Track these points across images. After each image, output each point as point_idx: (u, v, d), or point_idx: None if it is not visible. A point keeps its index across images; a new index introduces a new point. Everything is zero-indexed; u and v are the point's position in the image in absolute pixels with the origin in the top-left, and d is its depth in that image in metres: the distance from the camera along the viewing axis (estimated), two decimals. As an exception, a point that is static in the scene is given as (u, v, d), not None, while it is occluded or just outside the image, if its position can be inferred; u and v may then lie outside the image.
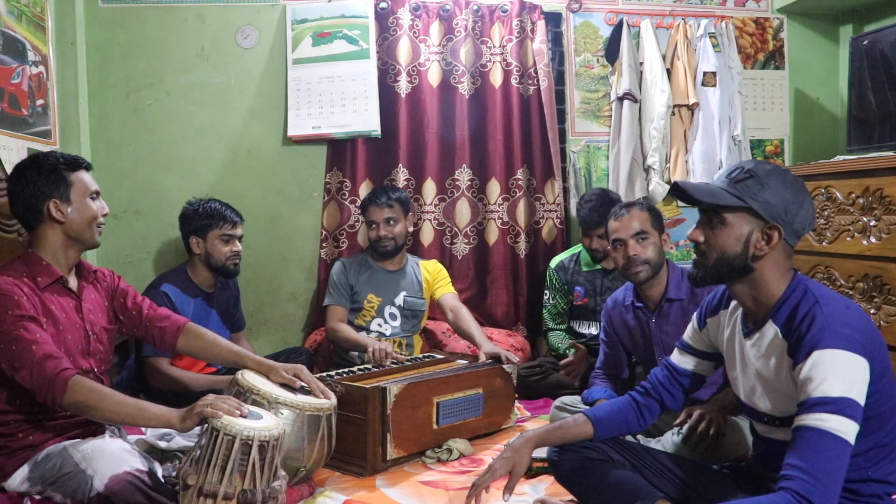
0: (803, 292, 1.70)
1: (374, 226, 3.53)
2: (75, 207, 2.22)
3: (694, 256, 1.80)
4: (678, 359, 2.10)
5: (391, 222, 3.52)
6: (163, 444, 2.39)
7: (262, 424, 1.94)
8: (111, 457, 1.98)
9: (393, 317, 3.59)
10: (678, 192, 1.79)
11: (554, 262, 3.86)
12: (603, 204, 3.61)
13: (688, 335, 2.08)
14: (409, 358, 3.31)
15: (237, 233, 3.29)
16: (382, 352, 3.08)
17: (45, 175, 2.22)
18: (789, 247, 1.74)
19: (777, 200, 1.69)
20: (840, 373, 1.54)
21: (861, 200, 3.16)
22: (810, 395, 1.54)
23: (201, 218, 3.25)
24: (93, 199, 2.27)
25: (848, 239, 3.24)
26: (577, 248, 3.83)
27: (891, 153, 3.27)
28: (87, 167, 2.31)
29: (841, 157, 3.50)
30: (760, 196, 1.69)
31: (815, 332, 1.59)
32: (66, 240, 2.23)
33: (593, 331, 3.66)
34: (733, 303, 1.91)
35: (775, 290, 1.73)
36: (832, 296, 1.69)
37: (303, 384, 2.41)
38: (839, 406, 1.51)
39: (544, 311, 3.84)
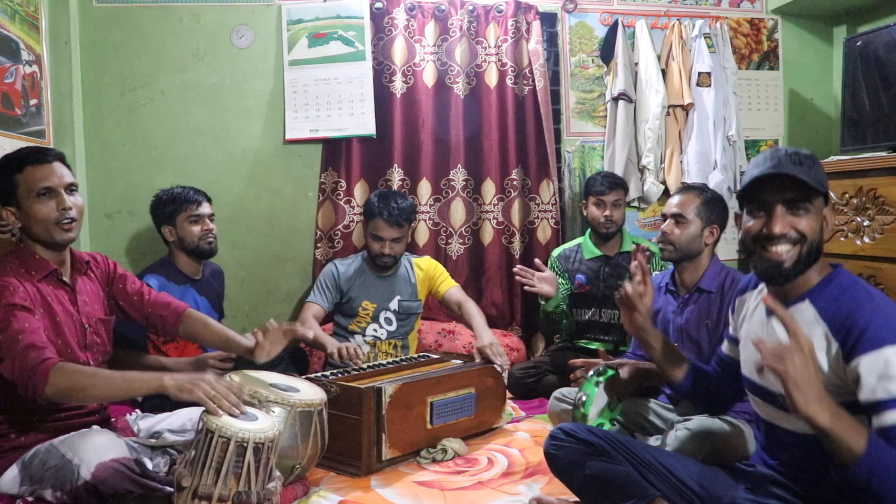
0: (852, 280, 1.70)
1: (378, 240, 3.48)
2: (23, 211, 2.16)
3: (777, 249, 1.70)
4: (723, 346, 2.13)
5: (397, 241, 3.49)
6: (153, 442, 2.39)
7: (258, 426, 1.94)
8: (97, 445, 1.98)
9: (388, 321, 3.58)
10: (767, 181, 1.70)
11: (556, 252, 3.87)
12: (611, 176, 3.78)
13: (731, 324, 2.09)
14: (404, 358, 3.31)
15: (204, 211, 3.28)
16: (350, 349, 3.07)
17: None
18: None
19: (826, 183, 1.71)
20: None
21: (855, 200, 3.18)
22: None
23: (166, 206, 3.27)
24: (42, 196, 2.16)
25: (842, 239, 3.25)
26: (580, 239, 3.84)
27: (884, 153, 3.28)
28: (39, 160, 2.18)
29: (835, 158, 3.51)
30: (825, 181, 1.70)
31: (883, 326, 1.55)
32: (33, 241, 2.20)
33: (589, 317, 3.69)
34: (762, 284, 1.89)
35: (818, 270, 1.74)
36: (880, 293, 1.68)
37: (290, 385, 2.41)
38: None
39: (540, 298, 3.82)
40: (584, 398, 2.42)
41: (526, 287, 3.55)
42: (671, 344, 2.19)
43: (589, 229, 3.78)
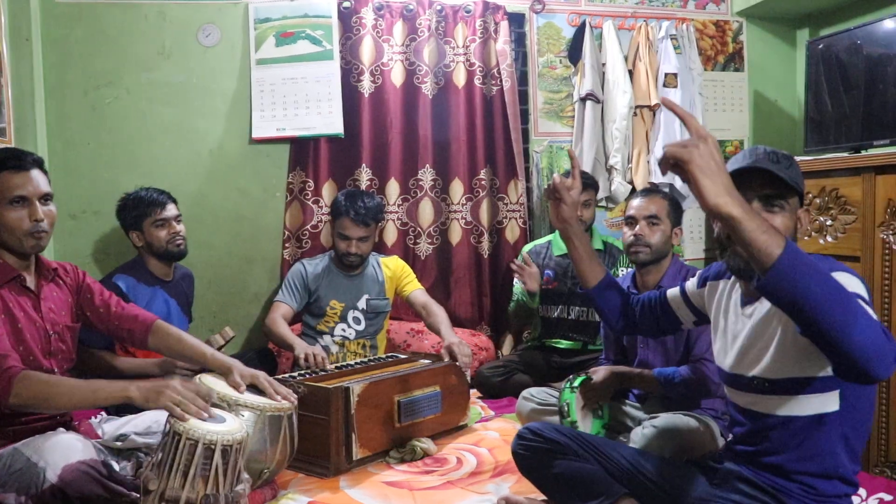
0: (821, 257, 1.70)
1: (345, 239, 3.48)
2: None
3: (717, 230, 1.72)
4: (671, 293, 2.15)
5: (364, 240, 3.49)
6: (119, 444, 2.36)
7: (225, 428, 1.92)
8: (64, 447, 1.94)
9: (357, 321, 3.57)
10: (743, 176, 1.70)
11: (527, 248, 3.89)
12: (582, 176, 3.73)
13: (689, 284, 2.11)
14: (372, 358, 3.31)
15: (169, 214, 3.25)
16: (317, 357, 3.06)
17: None
18: None
19: (802, 184, 1.74)
20: (861, 287, 1.52)
21: (818, 200, 3.22)
22: None
23: (131, 211, 3.24)
24: (14, 204, 2.11)
25: (805, 238, 3.29)
26: (550, 236, 3.87)
27: (846, 154, 3.33)
28: (17, 166, 2.13)
29: (798, 158, 3.53)
30: (801, 180, 1.73)
31: (840, 269, 1.58)
32: (0, 247, 2.16)
33: (557, 314, 3.71)
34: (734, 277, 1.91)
35: None
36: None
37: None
38: (861, 297, 1.46)
39: (514, 290, 3.81)
40: (566, 407, 2.47)
41: (518, 281, 3.66)
42: (593, 249, 2.20)
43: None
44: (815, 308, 1.31)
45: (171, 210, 3.26)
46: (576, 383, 2.54)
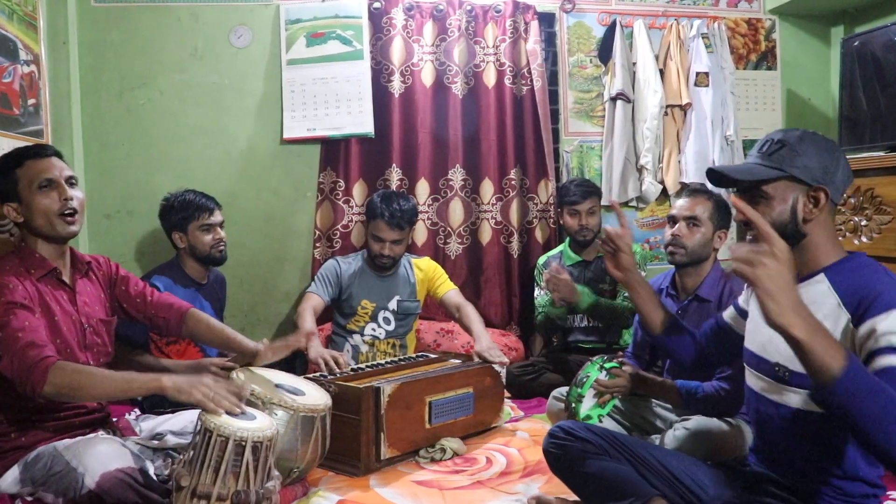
0: (870, 261, 1.70)
1: (378, 241, 3.49)
2: (25, 205, 2.16)
3: (749, 235, 1.72)
4: (726, 312, 2.12)
5: (397, 243, 3.50)
6: (154, 443, 2.39)
7: (256, 425, 1.93)
8: (102, 454, 1.98)
9: (387, 321, 3.59)
10: (715, 176, 1.77)
11: (541, 260, 3.91)
12: (584, 184, 3.80)
13: (741, 297, 2.09)
14: (402, 357, 3.31)
15: (216, 220, 3.29)
16: (328, 361, 3.01)
17: None
18: (833, 207, 1.74)
19: (815, 163, 1.70)
20: None
21: (852, 200, 3.18)
22: None
23: (178, 212, 3.27)
24: (43, 188, 2.16)
25: (840, 239, 3.25)
26: (561, 247, 3.87)
27: (881, 153, 3.28)
28: (38, 154, 2.19)
29: (832, 158, 3.50)
30: (798, 162, 1.70)
31: (892, 291, 1.56)
32: (35, 237, 2.20)
33: (577, 323, 3.72)
34: None
35: (829, 251, 1.73)
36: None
37: (296, 387, 2.41)
38: None
39: (536, 302, 3.84)
40: (585, 379, 2.44)
41: (540, 293, 3.67)
42: (655, 292, 2.20)
43: (568, 237, 3.80)
44: (866, 427, 1.33)
45: (217, 216, 3.31)
46: (607, 365, 2.50)
